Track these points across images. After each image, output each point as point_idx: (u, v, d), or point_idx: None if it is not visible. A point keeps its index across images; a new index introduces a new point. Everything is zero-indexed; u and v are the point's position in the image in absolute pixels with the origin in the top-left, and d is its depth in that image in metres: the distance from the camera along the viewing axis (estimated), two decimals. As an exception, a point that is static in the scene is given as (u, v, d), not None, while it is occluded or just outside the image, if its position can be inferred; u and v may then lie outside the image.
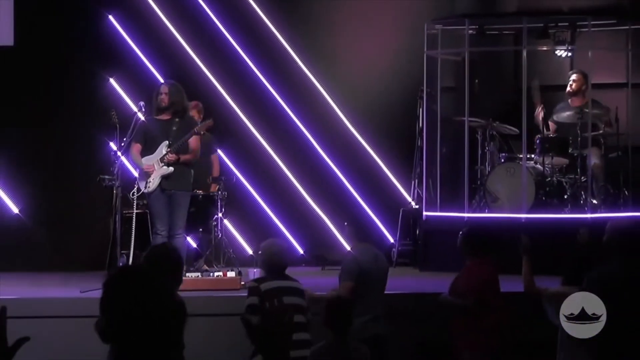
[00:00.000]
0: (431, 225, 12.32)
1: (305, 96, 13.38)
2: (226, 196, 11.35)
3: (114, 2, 13.15)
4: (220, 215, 11.25)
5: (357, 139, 13.46)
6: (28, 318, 8.65)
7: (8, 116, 12.76)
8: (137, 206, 10.48)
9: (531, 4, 13.39)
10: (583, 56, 12.47)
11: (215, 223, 11.30)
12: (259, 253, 7.66)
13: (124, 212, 10.70)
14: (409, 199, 13.12)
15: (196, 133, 10.24)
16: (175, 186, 10.17)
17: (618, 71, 12.82)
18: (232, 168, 12.79)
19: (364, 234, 8.49)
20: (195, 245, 11.71)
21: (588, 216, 11.57)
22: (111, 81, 12.94)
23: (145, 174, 10.20)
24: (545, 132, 12.23)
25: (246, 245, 12.85)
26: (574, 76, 12.41)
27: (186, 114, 10.47)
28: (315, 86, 13.43)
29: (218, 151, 12.07)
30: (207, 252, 11.41)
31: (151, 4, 13.21)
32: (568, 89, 12.41)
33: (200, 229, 11.34)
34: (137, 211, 10.49)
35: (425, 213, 12.47)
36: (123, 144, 10.25)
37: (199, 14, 13.25)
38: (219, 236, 11.31)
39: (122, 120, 10.52)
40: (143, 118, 10.34)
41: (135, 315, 2.80)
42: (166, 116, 10.27)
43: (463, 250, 7.93)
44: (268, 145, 13.27)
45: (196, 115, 11.18)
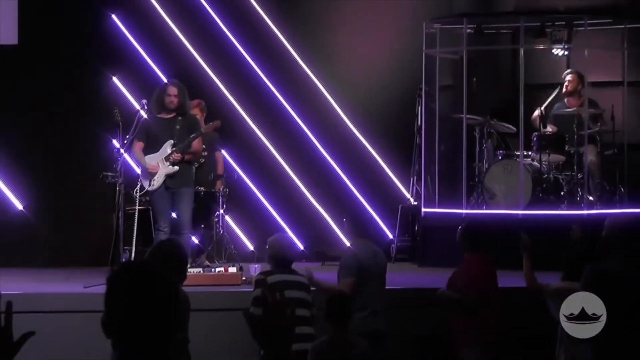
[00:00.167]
0: (430, 221, 12.36)
1: (305, 94, 13.40)
2: (227, 193, 11.40)
3: (117, 2, 13.17)
4: (221, 211, 11.29)
5: (357, 137, 13.49)
6: (32, 313, 8.62)
7: (12, 114, 12.78)
8: (140, 203, 10.51)
9: (528, 4, 13.44)
10: (579, 55, 12.52)
11: (216, 219, 11.33)
12: (267, 247, 7.67)
13: (127, 209, 10.71)
14: (408, 196, 13.16)
15: (202, 134, 10.37)
16: (179, 184, 10.25)
17: (614, 70, 12.87)
18: (234, 165, 12.79)
19: (364, 230, 8.54)
20: (197, 241, 11.68)
21: (584, 212, 11.60)
22: (114, 79, 12.96)
23: (149, 173, 10.27)
24: (542, 131, 12.31)
25: (247, 241, 12.86)
26: (569, 76, 12.46)
27: (188, 112, 10.55)
28: (315, 84, 13.46)
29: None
30: (209, 248, 11.42)
31: (154, 4, 13.22)
32: (564, 90, 12.46)
33: (202, 225, 11.37)
34: (140, 208, 10.52)
35: (423, 209, 12.52)
36: (126, 142, 10.27)
37: (201, 14, 13.27)
38: (221, 232, 11.35)
39: (125, 118, 10.55)
40: (145, 116, 10.38)
41: (139, 310, 2.78)
42: (169, 115, 10.32)
43: (462, 245, 7.94)
44: (269, 142, 13.29)
45: (199, 113, 11.20)
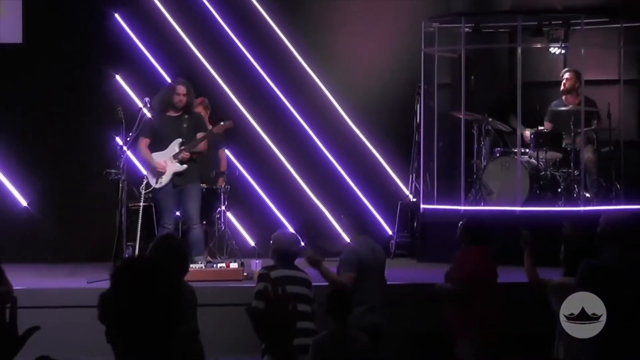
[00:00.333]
0: (428, 217, 12.41)
1: (305, 92, 13.44)
2: (229, 189, 11.46)
3: (121, 1, 13.21)
4: (223, 208, 11.35)
5: (357, 135, 13.53)
6: (36, 308, 8.69)
7: (17, 112, 12.86)
8: (143, 199, 10.58)
9: (526, 3, 13.47)
10: (576, 53, 12.54)
11: (218, 216, 11.40)
12: (270, 242, 7.68)
13: (130, 205, 10.79)
14: (407, 193, 13.21)
15: (212, 134, 10.51)
16: (186, 181, 10.40)
17: (610, 68, 12.90)
18: (235, 162, 12.85)
19: (364, 227, 8.58)
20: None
21: (581, 209, 11.67)
22: (117, 78, 13.00)
23: (157, 171, 10.37)
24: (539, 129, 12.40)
25: (248, 237, 12.92)
26: (567, 75, 12.52)
27: (194, 111, 10.67)
28: (315, 83, 13.50)
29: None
30: (211, 244, 11.47)
31: (156, 3, 13.26)
32: (562, 87, 12.53)
33: (204, 222, 11.36)
34: (143, 204, 10.60)
35: (422, 206, 12.57)
36: (129, 139, 10.37)
37: (203, 13, 13.31)
38: (222, 228, 11.41)
39: (128, 115, 10.62)
40: (148, 114, 10.48)
41: (141, 305, 2.78)
42: (175, 113, 10.44)
43: (463, 240, 7.99)
44: (269, 140, 13.33)
45: (202, 111, 11.29)
